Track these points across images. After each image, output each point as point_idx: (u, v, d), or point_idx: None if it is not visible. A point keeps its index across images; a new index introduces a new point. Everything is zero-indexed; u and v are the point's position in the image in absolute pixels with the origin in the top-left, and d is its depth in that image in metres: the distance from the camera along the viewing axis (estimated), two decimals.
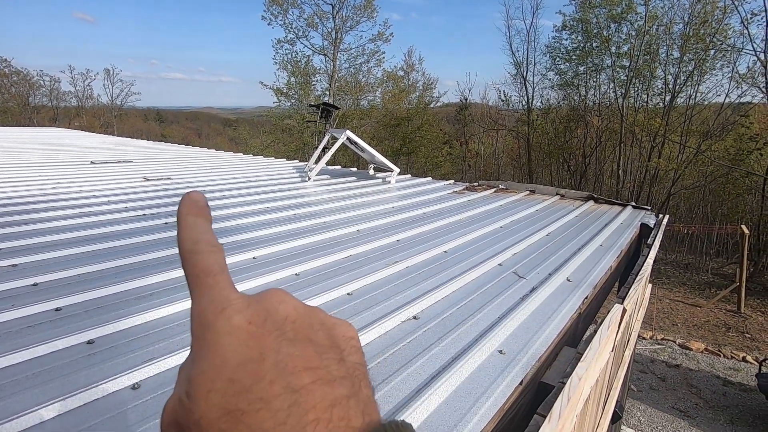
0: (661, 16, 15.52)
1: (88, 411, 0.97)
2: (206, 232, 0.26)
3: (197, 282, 0.24)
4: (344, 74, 19.99)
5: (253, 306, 0.24)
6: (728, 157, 14.57)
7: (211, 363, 0.21)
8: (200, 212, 0.27)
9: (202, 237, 0.26)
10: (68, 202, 2.96)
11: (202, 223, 0.27)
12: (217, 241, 0.26)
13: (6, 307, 1.40)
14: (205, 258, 0.25)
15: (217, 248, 0.26)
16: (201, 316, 0.23)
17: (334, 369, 0.24)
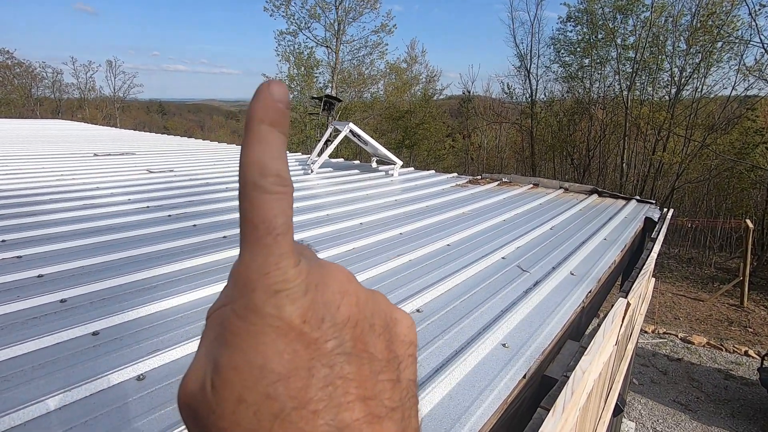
0: (668, 7, 15.32)
1: (93, 402, 0.97)
2: (280, 158, 0.20)
3: (252, 235, 0.19)
4: (347, 66, 19.89)
5: (312, 295, 0.19)
6: (733, 151, 14.46)
7: (248, 360, 0.18)
8: (279, 120, 0.20)
9: (274, 166, 0.19)
10: (72, 194, 2.97)
11: (277, 141, 0.20)
12: (290, 177, 0.20)
13: (11, 299, 1.41)
14: (271, 203, 0.19)
15: (288, 189, 0.20)
16: (247, 288, 0.19)
17: (387, 398, 0.20)
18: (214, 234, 2.24)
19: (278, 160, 0.20)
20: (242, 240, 0.20)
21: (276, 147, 0.20)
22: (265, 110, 0.20)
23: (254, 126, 0.20)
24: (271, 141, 0.20)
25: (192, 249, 2.01)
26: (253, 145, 0.20)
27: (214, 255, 1.92)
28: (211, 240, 2.16)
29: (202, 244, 2.09)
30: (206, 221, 2.49)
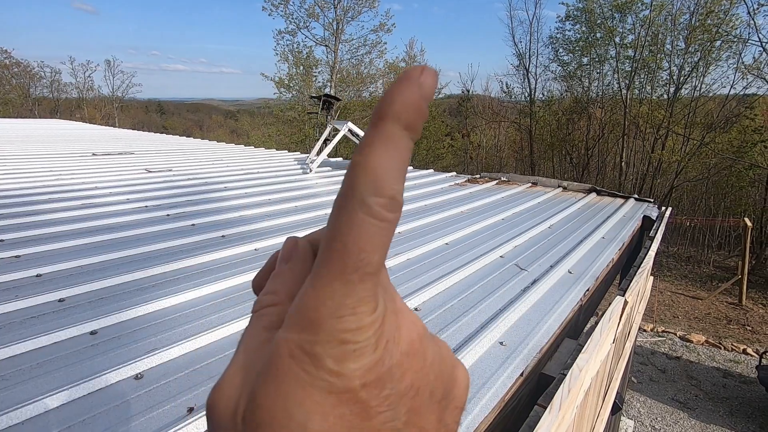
0: (667, 6, 15.32)
1: (91, 401, 0.98)
2: (401, 176, 0.16)
3: (337, 265, 0.16)
4: (346, 65, 19.86)
5: (380, 354, 0.16)
6: (732, 150, 14.47)
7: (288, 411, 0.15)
8: (417, 124, 0.17)
9: (392, 185, 0.16)
10: (70, 193, 2.97)
11: (406, 151, 0.17)
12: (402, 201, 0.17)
13: (9, 298, 1.41)
14: (374, 231, 0.16)
15: (398, 218, 0.17)
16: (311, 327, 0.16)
17: None
18: (212, 233, 2.24)
19: (399, 179, 0.16)
20: (322, 263, 0.17)
21: (402, 159, 0.17)
22: (405, 107, 0.16)
23: (385, 125, 0.17)
24: (401, 150, 0.17)
25: (190, 248, 2.01)
26: (377, 150, 0.16)
27: (212, 254, 1.92)
28: (210, 239, 2.17)
29: (200, 244, 2.09)
30: (205, 220, 2.49)
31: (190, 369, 1.12)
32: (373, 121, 0.17)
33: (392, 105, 0.16)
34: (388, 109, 0.17)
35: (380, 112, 0.17)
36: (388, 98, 0.17)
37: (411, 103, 0.17)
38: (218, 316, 1.40)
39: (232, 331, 1.31)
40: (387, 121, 0.17)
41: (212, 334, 1.27)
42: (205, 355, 1.19)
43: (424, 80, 0.17)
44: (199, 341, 1.23)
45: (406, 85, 0.17)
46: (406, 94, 0.17)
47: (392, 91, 0.17)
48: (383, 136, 0.16)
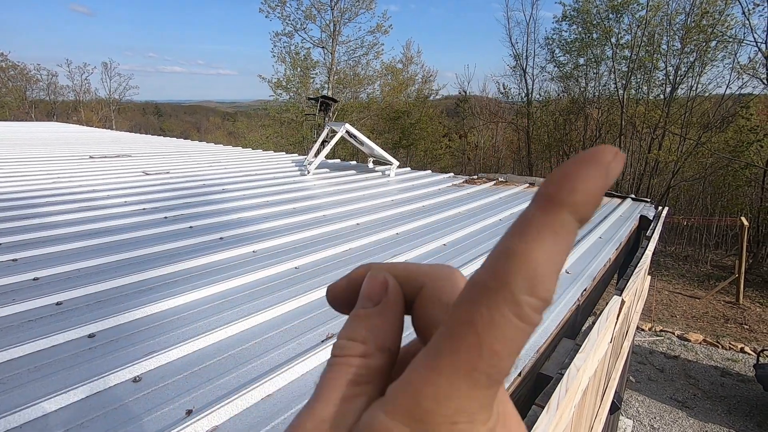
0: (663, 6, 15.39)
1: (89, 404, 0.98)
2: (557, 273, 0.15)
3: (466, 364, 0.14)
4: (343, 67, 19.87)
5: None
6: (728, 149, 14.54)
7: None
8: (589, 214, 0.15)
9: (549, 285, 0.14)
10: (68, 196, 2.96)
11: (569, 244, 0.15)
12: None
13: (7, 302, 1.40)
14: (517, 336, 0.14)
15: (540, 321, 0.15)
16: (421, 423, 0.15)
17: None
18: (210, 236, 2.24)
19: (556, 279, 0.15)
20: (446, 351, 0.15)
21: (563, 258, 0.14)
22: (589, 198, 0.14)
23: (560, 214, 0.14)
24: (568, 244, 0.14)
25: (188, 250, 2.01)
26: (545, 242, 0.14)
27: (210, 256, 1.92)
28: (208, 241, 2.16)
29: (198, 246, 2.09)
30: (202, 223, 2.49)
31: (189, 371, 1.12)
32: (542, 204, 0.15)
33: (574, 193, 0.14)
34: (568, 197, 0.14)
35: (556, 197, 0.14)
36: (569, 183, 0.14)
37: (596, 194, 0.14)
38: (217, 318, 1.40)
39: (230, 333, 1.31)
40: (563, 210, 0.14)
41: (211, 336, 1.27)
42: (204, 357, 1.19)
43: (614, 167, 0.14)
44: (198, 343, 1.23)
45: (594, 171, 0.14)
46: (593, 183, 0.14)
47: (575, 174, 0.14)
48: (555, 226, 0.14)
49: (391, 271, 0.21)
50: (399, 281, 0.21)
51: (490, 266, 0.15)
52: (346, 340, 0.19)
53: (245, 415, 0.98)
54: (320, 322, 1.43)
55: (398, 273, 0.21)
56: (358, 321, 0.20)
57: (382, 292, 0.20)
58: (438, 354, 0.15)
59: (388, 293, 0.20)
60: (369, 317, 0.19)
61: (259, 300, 1.55)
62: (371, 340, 0.19)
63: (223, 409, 0.96)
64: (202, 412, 0.95)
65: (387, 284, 0.20)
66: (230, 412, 0.97)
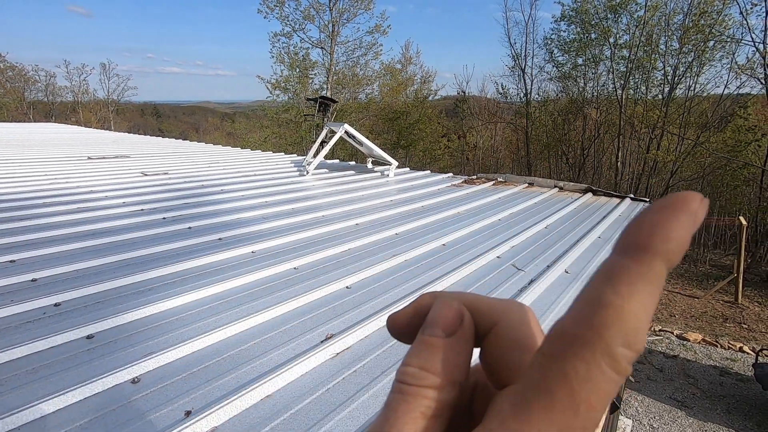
0: (661, 6, 15.43)
1: (88, 405, 0.97)
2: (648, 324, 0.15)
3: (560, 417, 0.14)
4: (342, 67, 19.88)
5: None
6: (726, 149, 14.57)
7: None
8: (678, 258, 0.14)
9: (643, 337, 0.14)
10: (66, 197, 2.95)
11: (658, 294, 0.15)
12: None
13: (5, 303, 1.40)
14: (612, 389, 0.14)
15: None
16: None
17: None
18: (209, 236, 2.23)
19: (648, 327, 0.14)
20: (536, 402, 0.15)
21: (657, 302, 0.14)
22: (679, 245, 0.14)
23: (654, 263, 0.14)
24: (657, 296, 0.14)
25: (187, 251, 2.01)
26: (640, 294, 0.14)
27: (209, 257, 1.91)
28: (206, 242, 2.16)
29: (197, 247, 2.08)
30: (201, 223, 2.48)
31: (188, 372, 1.12)
32: (634, 254, 0.14)
33: (667, 242, 0.14)
34: (662, 245, 0.14)
35: (650, 247, 0.14)
36: (662, 232, 0.14)
37: (687, 241, 0.14)
38: (216, 318, 1.40)
39: (230, 333, 1.31)
40: (657, 259, 0.14)
41: (210, 337, 1.26)
42: (203, 358, 1.19)
43: (701, 213, 0.14)
44: (197, 344, 1.23)
45: (684, 218, 0.14)
46: (682, 231, 0.14)
47: (666, 222, 0.14)
48: (650, 276, 0.14)
49: (462, 302, 0.21)
50: (474, 314, 0.20)
51: (580, 317, 0.14)
52: (419, 370, 0.18)
53: (244, 416, 0.98)
54: (319, 322, 1.43)
55: (469, 305, 0.21)
56: (431, 350, 0.19)
57: (457, 323, 0.19)
58: (528, 408, 0.15)
59: (463, 325, 0.19)
60: (443, 348, 0.19)
61: (258, 300, 1.55)
62: (445, 373, 0.18)
63: (223, 410, 0.96)
64: (201, 413, 0.94)
65: (463, 315, 0.20)
66: (229, 413, 0.97)
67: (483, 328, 0.20)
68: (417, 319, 0.21)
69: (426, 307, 0.21)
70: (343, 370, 1.17)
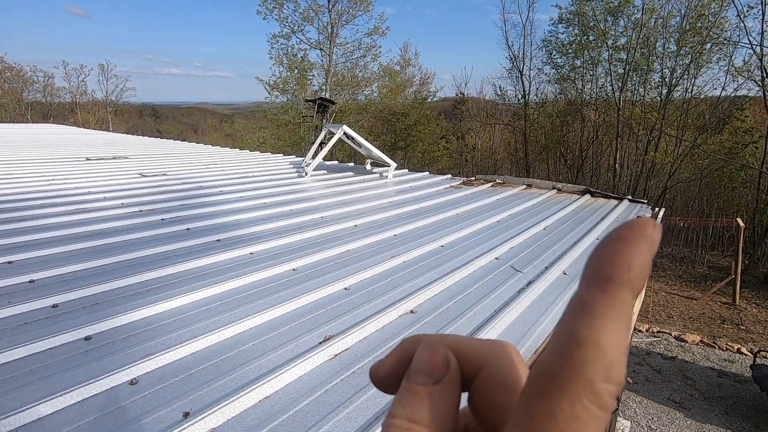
0: (658, 9, 15.49)
1: (86, 407, 0.97)
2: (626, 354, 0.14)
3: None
4: (341, 69, 19.89)
5: None
6: (724, 151, 14.62)
7: None
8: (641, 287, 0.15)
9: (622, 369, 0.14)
10: (64, 198, 2.95)
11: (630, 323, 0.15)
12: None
13: (2, 304, 1.39)
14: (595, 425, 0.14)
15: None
16: None
17: None
18: (207, 237, 2.23)
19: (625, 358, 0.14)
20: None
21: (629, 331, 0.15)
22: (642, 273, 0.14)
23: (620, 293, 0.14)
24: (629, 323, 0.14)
25: (185, 252, 2.00)
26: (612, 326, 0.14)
27: (207, 258, 1.91)
28: (205, 243, 2.16)
29: (195, 248, 2.08)
30: (200, 225, 2.48)
31: (186, 374, 1.11)
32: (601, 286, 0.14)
33: (629, 271, 0.14)
34: (626, 275, 0.14)
35: (614, 277, 0.14)
36: (624, 260, 0.14)
37: (648, 267, 0.14)
38: (214, 320, 1.40)
39: (228, 335, 1.31)
40: (623, 289, 0.14)
41: (208, 339, 1.26)
42: (201, 359, 1.19)
43: (655, 238, 0.15)
44: (195, 346, 1.23)
45: (641, 246, 0.15)
46: (642, 258, 0.14)
47: (628, 251, 0.14)
48: (619, 307, 0.14)
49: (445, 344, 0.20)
50: (459, 358, 0.20)
51: (559, 354, 0.14)
52: (407, 422, 0.18)
53: (243, 417, 0.97)
54: (318, 323, 1.43)
55: (452, 348, 0.20)
56: (418, 399, 0.18)
57: (444, 369, 0.19)
58: None
59: (450, 370, 0.19)
60: (431, 396, 0.18)
61: (256, 302, 1.55)
62: (434, 423, 0.17)
63: (221, 412, 0.96)
64: (199, 414, 0.94)
65: (449, 360, 0.19)
66: (228, 414, 0.97)
67: (469, 372, 0.20)
68: (401, 366, 0.20)
69: (409, 353, 0.20)
70: (342, 371, 1.17)
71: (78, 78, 28.93)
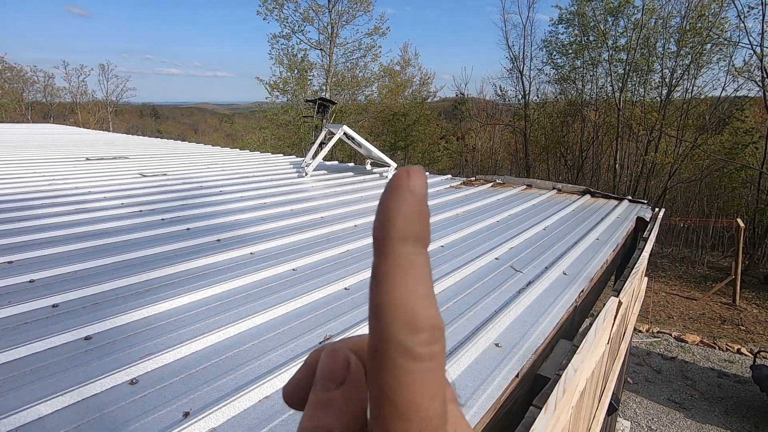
0: (658, 9, 15.50)
1: (86, 407, 0.97)
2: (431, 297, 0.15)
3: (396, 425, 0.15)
4: (341, 69, 19.89)
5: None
6: (724, 151, 14.62)
7: None
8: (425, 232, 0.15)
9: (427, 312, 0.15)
10: (64, 198, 2.95)
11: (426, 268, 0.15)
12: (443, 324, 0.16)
13: (2, 304, 1.40)
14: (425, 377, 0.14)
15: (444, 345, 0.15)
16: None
17: None
18: (207, 237, 2.23)
19: (431, 302, 0.15)
20: (378, 424, 0.15)
21: (426, 278, 0.15)
22: (408, 220, 0.15)
23: (394, 248, 0.15)
24: (420, 268, 0.15)
25: (185, 252, 2.00)
26: (396, 281, 0.14)
27: (207, 258, 1.91)
28: (205, 243, 2.16)
29: (195, 248, 2.08)
30: (200, 224, 2.48)
31: (186, 374, 1.12)
32: (378, 248, 0.15)
33: (395, 224, 0.15)
34: (390, 229, 0.15)
35: (382, 236, 0.15)
36: (385, 217, 0.15)
37: (411, 212, 0.15)
38: (214, 320, 1.40)
39: (228, 335, 1.31)
40: (395, 242, 0.15)
41: (208, 339, 1.26)
42: (201, 359, 1.19)
43: (414, 184, 0.15)
44: (195, 345, 1.23)
45: (398, 196, 0.15)
46: (405, 206, 0.15)
47: (386, 207, 0.15)
48: (396, 262, 0.15)
49: (348, 347, 0.20)
50: (358, 356, 0.19)
51: (370, 330, 0.15)
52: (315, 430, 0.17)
53: (243, 417, 0.98)
54: (318, 323, 1.43)
55: (354, 348, 0.20)
56: (323, 407, 0.18)
57: (344, 372, 0.18)
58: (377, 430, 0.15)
59: (350, 371, 0.18)
60: (333, 401, 0.17)
61: (256, 302, 1.55)
62: (341, 428, 0.17)
63: (221, 411, 0.96)
64: (199, 414, 0.94)
65: (349, 362, 0.18)
66: (228, 414, 0.97)
67: None
68: (309, 380, 0.19)
69: (314, 366, 0.19)
70: None
71: (78, 78, 28.94)
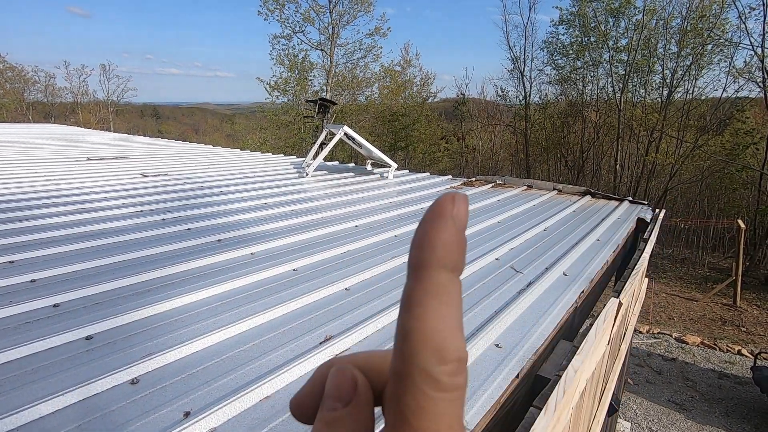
0: (659, 10, 15.49)
1: (87, 406, 0.97)
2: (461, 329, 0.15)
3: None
4: (341, 69, 19.89)
5: None
6: (725, 152, 14.62)
7: None
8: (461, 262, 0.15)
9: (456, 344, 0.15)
10: (65, 198, 2.95)
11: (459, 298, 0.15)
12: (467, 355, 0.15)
13: (4, 304, 1.40)
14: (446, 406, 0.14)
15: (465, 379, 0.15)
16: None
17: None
18: (208, 237, 2.23)
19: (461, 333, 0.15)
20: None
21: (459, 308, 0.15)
22: (448, 249, 0.15)
23: (432, 275, 0.15)
24: (454, 297, 0.15)
25: (186, 252, 2.01)
26: (431, 309, 0.14)
27: (208, 258, 1.92)
28: (206, 243, 2.16)
29: (196, 248, 2.08)
30: (200, 225, 2.49)
31: (187, 373, 1.12)
32: (414, 273, 0.15)
33: (434, 250, 0.15)
34: (431, 256, 0.15)
35: (422, 261, 0.15)
36: (427, 243, 0.15)
37: (451, 241, 0.15)
38: (215, 320, 1.40)
39: (229, 335, 1.31)
40: (432, 269, 0.15)
41: (209, 339, 1.27)
42: (202, 359, 1.19)
43: (457, 213, 0.15)
44: (196, 345, 1.23)
45: (440, 223, 0.15)
46: (445, 234, 0.15)
47: (429, 233, 0.15)
48: (433, 289, 0.15)
49: (355, 364, 0.20)
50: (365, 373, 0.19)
51: (396, 352, 0.15)
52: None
53: (243, 417, 0.98)
54: (319, 323, 1.43)
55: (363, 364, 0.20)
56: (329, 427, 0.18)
57: (351, 391, 0.18)
58: None
59: (358, 391, 0.18)
60: (341, 421, 0.18)
61: (257, 302, 1.55)
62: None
63: (221, 411, 0.96)
64: (200, 414, 0.95)
65: (356, 381, 0.19)
66: (228, 414, 0.97)
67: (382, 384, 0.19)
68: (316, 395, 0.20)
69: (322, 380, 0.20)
70: None
71: (79, 78, 28.95)
